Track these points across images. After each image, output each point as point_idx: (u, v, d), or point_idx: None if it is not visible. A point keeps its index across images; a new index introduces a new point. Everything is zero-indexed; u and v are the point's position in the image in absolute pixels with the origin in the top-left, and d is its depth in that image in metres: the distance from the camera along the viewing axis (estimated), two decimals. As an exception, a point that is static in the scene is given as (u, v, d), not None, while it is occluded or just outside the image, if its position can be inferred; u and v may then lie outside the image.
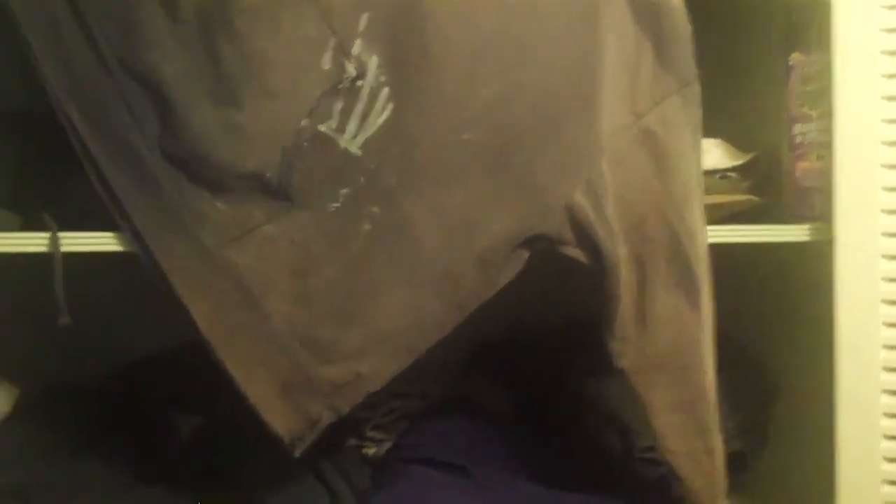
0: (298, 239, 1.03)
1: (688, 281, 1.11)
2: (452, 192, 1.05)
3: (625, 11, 1.10)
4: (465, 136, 1.05)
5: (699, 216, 1.13)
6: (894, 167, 1.15)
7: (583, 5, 1.08)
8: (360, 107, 1.04)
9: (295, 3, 1.02)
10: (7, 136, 1.13)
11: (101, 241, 1.03)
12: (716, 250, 1.14)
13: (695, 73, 1.13)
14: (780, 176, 1.28)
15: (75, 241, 1.03)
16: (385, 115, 1.04)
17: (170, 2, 1.00)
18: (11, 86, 1.16)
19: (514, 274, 1.07)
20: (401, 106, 1.04)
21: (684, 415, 1.12)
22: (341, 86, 1.03)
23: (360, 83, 1.04)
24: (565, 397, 1.34)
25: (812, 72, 1.21)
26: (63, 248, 1.01)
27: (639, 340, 1.10)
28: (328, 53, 1.03)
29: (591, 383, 1.32)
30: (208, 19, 1.01)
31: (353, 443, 1.31)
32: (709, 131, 1.16)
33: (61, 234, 1.02)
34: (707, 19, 1.12)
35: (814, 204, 1.21)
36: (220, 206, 1.02)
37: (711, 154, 1.25)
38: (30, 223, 1.07)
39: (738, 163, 1.28)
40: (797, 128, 1.24)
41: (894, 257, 1.15)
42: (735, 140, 1.30)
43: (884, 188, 1.15)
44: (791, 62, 1.25)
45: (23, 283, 1.09)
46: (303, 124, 1.02)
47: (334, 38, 1.03)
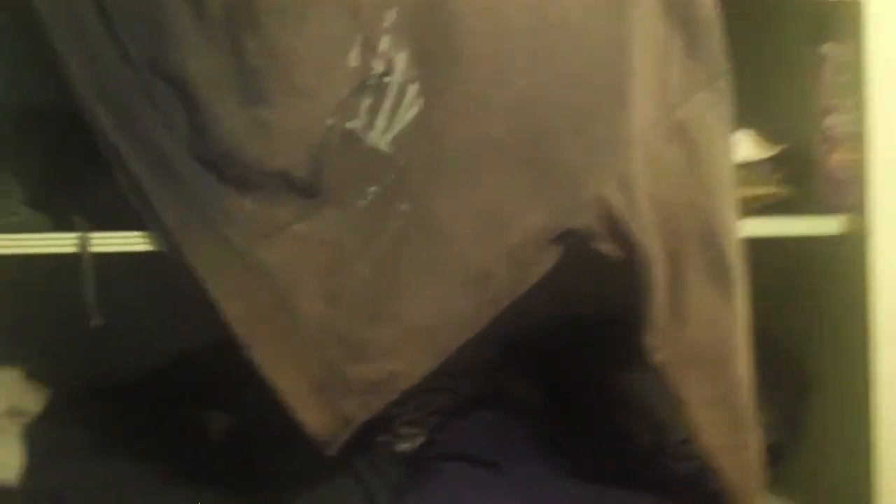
0: (328, 237, 1.03)
1: (722, 274, 1.10)
2: (482, 187, 1.05)
3: (654, 5, 1.09)
4: (494, 131, 1.04)
5: (732, 209, 1.12)
6: (930, 157, 1.14)
7: (612, 2, 1.07)
8: (388, 103, 1.03)
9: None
10: (32, 136, 1.13)
11: (131, 241, 1.03)
12: (748, 243, 1.12)
13: (725, 65, 1.11)
14: (811, 168, 1.27)
15: (104, 242, 1.02)
16: (413, 111, 1.03)
17: (196, 0, 0.99)
18: (34, 85, 1.15)
19: (546, 270, 1.06)
20: (429, 102, 1.03)
21: (720, 409, 1.10)
22: (369, 83, 1.02)
23: (387, 80, 1.03)
24: (596, 391, 1.33)
25: (844, 62, 1.19)
26: (92, 249, 1.01)
27: (674, 335, 1.09)
28: (355, 50, 1.02)
29: (622, 377, 1.31)
30: (235, 17, 1.00)
31: (384, 439, 1.30)
32: (738, 123, 1.15)
33: (90, 234, 1.02)
34: (735, 10, 1.10)
35: (847, 195, 1.19)
36: (249, 204, 1.02)
37: (741, 146, 1.23)
38: (58, 223, 1.06)
39: (768, 155, 1.26)
40: (830, 119, 1.22)
41: (931, 248, 1.14)
42: (764, 132, 1.28)
43: (919, 178, 1.13)
44: (823, 52, 1.24)
45: (51, 282, 1.09)
46: (330, 122, 1.02)
47: (361, 35, 1.02)
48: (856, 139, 1.17)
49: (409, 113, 1.03)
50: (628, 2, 1.07)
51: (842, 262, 1.20)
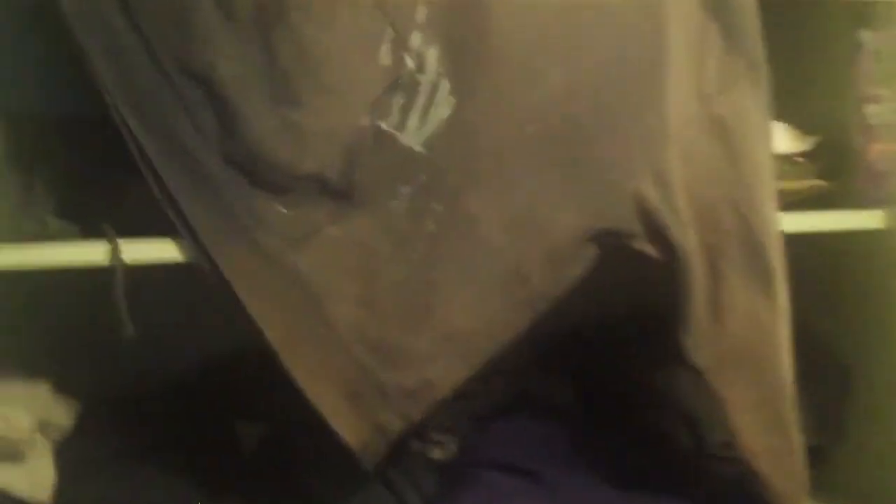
0: (361, 240, 1.00)
1: (762, 271, 1.08)
2: (517, 186, 1.02)
3: (691, -4, 1.06)
4: (528, 128, 1.02)
5: (771, 203, 1.10)
6: (976, 148, 1.11)
7: None
8: (420, 101, 1.00)
9: None
10: (57, 143, 1.10)
11: (161, 250, 1.00)
12: (786, 238, 1.10)
13: (763, 55, 1.09)
14: (850, 159, 1.24)
15: (135, 250, 0.99)
16: (446, 109, 1.00)
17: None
18: (58, 91, 1.12)
19: (584, 270, 1.04)
20: (462, 100, 1.00)
21: (763, 412, 1.08)
22: (400, 80, 0.99)
23: (419, 77, 1.00)
24: (631, 391, 1.30)
25: (883, 50, 1.17)
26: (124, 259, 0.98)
27: (713, 335, 1.07)
28: (386, 46, 0.99)
29: (658, 376, 1.28)
30: (264, 15, 0.97)
31: (415, 445, 1.27)
32: (772, 114, 1.12)
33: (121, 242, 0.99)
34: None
35: (888, 188, 1.17)
36: (281, 208, 0.99)
37: (777, 138, 1.21)
38: (86, 232, 1.03)
39: (805, 147, 1.24)
40: (868, 108, 1.20)
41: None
42: (800, 123, 1.26)
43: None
44: (860, 40, 1.21)
45: (80, 292, 1.06)
46: (362, 121, 0.99)
47: (392, 31, 0.99)
48: (896, 129, 1.14)
49: (441, 111, 1.00)
50: (665, -6, 1.05)
51: (883, 258, 1.18)
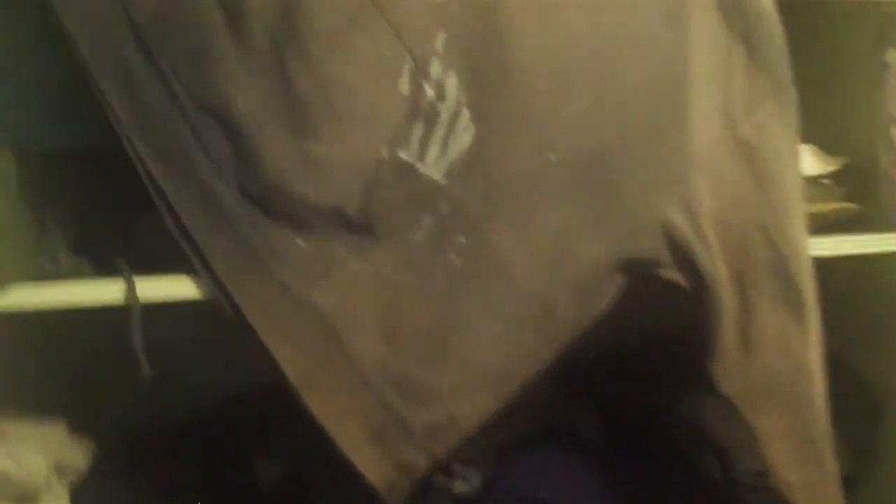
0: (383, 274, 0.98)
1: (793, 298, 1.06)
2: (542, 216, 1.00)
3: (715, 17, 1.05)
4: (551, 156, 1.00)
5: (801, 228, 1.07)
6: None
7: (670, 14, 1.02)
8: (440, 131, 0.98)
9: (368, 23, 0.96)
10: (69, 178, 1.08)
11: (177, 287, 0.97)
12: (814, 262, 1.07)
13: (790, 76, 1.06)
14: (877, 181, 1.22)
15: (150, 287, 0.96)
16: (467, 138, 0.98)
17: (240, 31, 0.94)
18: (70, 126, 1.10)
19: (612, 300, 1.01)
20: (483, 128, 0.98)
21: (797, 441, 1.06)
22: (420, 110, 0.97)
23: (439, 106, 0.98)
24: (658, 419, 1.27)
25: (910, 69, 1.15)
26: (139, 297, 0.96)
27: (743, 364, 1.05)
28: (405, 75, 0.97)
29: (685, 402, 1.25)
30: (280, 45, 0.95)
31: (439, 480, 1.24)
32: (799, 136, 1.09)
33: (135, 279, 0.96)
34: (793, 17, 1.05)
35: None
36: (301, 243, 0.96)
37: (803, 161, 1.18)
38: (99, 269, 1.01)
39: (831, 169, 1.21)
40: (895, 129, 1.17)
41: None
42: (825, 144, 1.23)
43: None
44: (886, 60, 1.19)
45: (94, 331, 1.04)
46: (381, 152, 0.96)
47: (410, 59, 0.97)
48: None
49: (462, 140, 0.98)
50: (688, 15, 1.03)
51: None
